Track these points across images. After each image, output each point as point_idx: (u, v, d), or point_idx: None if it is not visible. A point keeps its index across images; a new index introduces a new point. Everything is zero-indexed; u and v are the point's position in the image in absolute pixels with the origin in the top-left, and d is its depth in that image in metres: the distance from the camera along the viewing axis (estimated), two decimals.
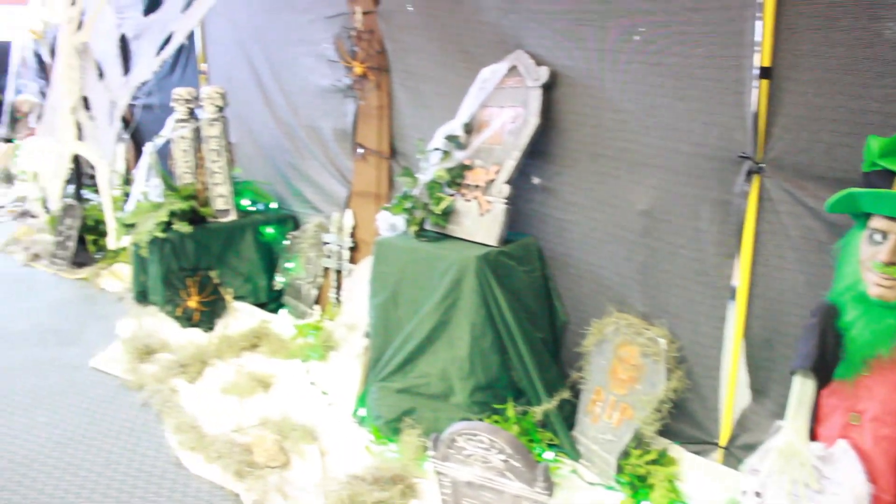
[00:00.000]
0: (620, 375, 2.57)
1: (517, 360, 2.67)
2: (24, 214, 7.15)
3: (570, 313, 2.92)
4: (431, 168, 2.92)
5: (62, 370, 3.62)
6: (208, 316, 4.02)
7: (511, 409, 2.65)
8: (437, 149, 2.96)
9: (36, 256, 5.60)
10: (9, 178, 9.17)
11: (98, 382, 3.48)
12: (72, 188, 5.72)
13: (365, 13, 3.64)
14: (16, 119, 10.59)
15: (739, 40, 2.22)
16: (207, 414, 3.06)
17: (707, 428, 2.53)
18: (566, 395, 2.72)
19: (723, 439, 2.49)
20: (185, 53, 5.73)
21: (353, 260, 3.83)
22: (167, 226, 4.02)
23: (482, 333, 2.63)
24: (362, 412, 2.97)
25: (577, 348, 2.79)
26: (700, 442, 2.55)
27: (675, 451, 2.55)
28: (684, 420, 2.57)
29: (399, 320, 2.86)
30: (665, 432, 2.56)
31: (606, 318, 2.70)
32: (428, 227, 2.93)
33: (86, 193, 6.00)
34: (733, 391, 2.44)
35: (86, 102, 5.21)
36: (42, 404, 3.26)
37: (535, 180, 2.89)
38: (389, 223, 2.98)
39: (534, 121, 2.77)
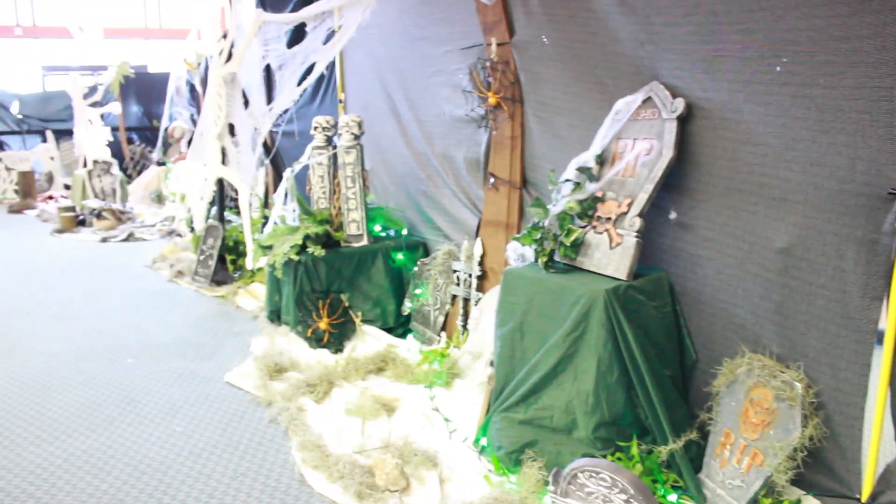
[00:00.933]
0: (752, 419, 2.46)
1: (644, 398, 2.60)
2: (172, 233, 7.54)
3: (701, 352, 2.82)
4: (562, 199, 2.90)
5: (199, 383, 3.79)
6: (337, 337, 4.12)
7: (635, 448, 2.58)
8: (568, 180, 2.95)
9: (180, 273, 5.90)
10: (160, 199, 9.70)
11: (231, 397, 3.62)
12: (215, 210, 5.99)
13: (500, 45, 3.67)
14: (168, 144, 11.23)
15: (892, 70, 2.11)
16: (332, 434, 3.12)
17: (847, 481, 2.39)
18: (693, 436, 2.63)
19: (864, 494, 2.33)
20: (324, 83, 5.94)
21: (480, 288, 3.84)
22: (302, 249, 4.16)
23: (609, 368, 2.58)
24: (484, 441, 2.96)
25: (706, 388, 2.70)
26: (838, 495, 2.41)
27: (810, 502, 2.42)
28: (821, 471, 2.43)
29: (525, 351, 2.85)
30: (799, 482, 2.44)
31: (739, 359, 2.59)
32: (557, 258, 2.91)
33: (228, 215, 6.27)
34: (878, 443, 2.28)
35: (231, 129, 5.46)
36: (179, 414, 3.42)
37: (670, 214, 2.82)
38: (519, 253, 2.98)
39: (669, 153, 2.72)
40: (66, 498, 2.74)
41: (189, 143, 10.29)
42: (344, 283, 4.24)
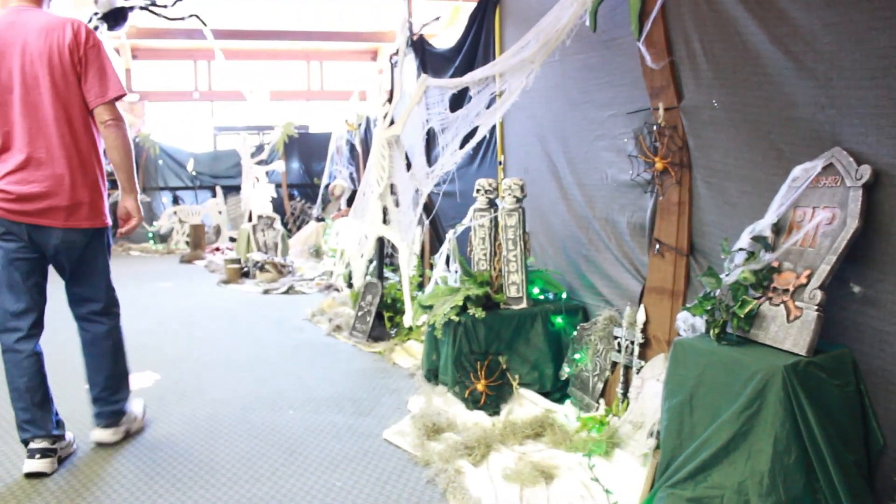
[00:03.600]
0: None
1: (825, 483, 2.44)
2: (329, 288, 7.78)
3: (889, 436, 2.63)
4: (736, 269, 2.81)
5: (357, 438, 3.85)
6: (494, 400, 4.10)
7: None
8: (742, 249, 2.85)
9: (338, 328, 6.06)
10: (318, 254, 10.06)
11: (389, 454, 3.65)
12: (374, 267, 6.15)
13: (667, 109, 3.63)
14: (327, 201, 11.67)
15: None
16: (490, 499, 3.09)
17: None
18: None
19: None
20: (484, 144, 6.04)
21: (643, 356, 3.75)
22: (462, 309, 4.20)
23: (786, 449, 2.44)
24: None
25: None
26: None
27: None
28: None
29: (693, 426, 2.74)
30: None
31: None
32: (730, 330, 2.80)
33: (385, 272, 6.41)
34: None
35: (392, 189, 5.62)
36: (339, 469, 3.48)
37: (855, 288, 2.67)
38: (689, 324, 2.89)
39: (854, 223, 2.58)
40: None
41: (349, 200, 10.69)
42: (502, 346, 4.23)
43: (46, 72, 3.25)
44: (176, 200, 13.98)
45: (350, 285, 7.07)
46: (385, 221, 5.59)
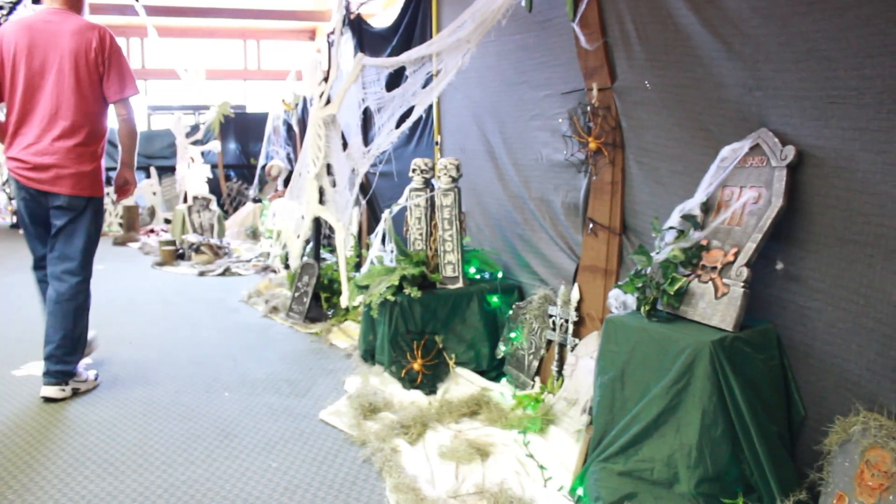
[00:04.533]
0: (868, 482, 2.35)
1: (750, 453, 2.52)
2: (266, 269, 7.71)
3: (810, 408, 2.72)
4: (666, 247, 2.86)
5: (293, 419, 3.83)
6: (431, 379, 4.12)
7: None
8: (672, 227, 2.90)
9: (275, 309, 6.01)
10: (255, 235, 9.94)
11: (325, 434, 3.65)
12: (310, 248, 6.11)
13: (601, 90, 3.67)
14: (264, 182, 11.54)
15: None
16: (426, 477, 3.11)
17: None
18: (802, 496, 2.52)
19: None
20: (421, 125, 6.03)
21: (577, 334, 3.80)
22: (398, 289, 4.20)
23: (713, 422, 2.51)
24: (580, 491, 2.91)
25: (816, 447, 2.59)
26: None
27: None
28: None
29: (625, 401, 2.80)
30: None
31: (852, 417, 2.48)
32: (660, 307, 2.86)
33: (322, 253, 6.38)
34: None
35: (329, 169, 5.58)
36: (275, 450, 3.46)
37: (778, 265, 2.74)
38: (620, 301, 2.94)
39: (778, 202, 2.65)
40: None
41: (286, 181, 10.58)
42: (438, 325, 4.25)
43: (72, 66, 3.94)
44: (108, 181, 13.65)
45: (287, 266, 7.01)
46: (321, 202, 5.55)
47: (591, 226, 3.77)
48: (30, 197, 4.00)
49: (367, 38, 7.16)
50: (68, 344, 4.09)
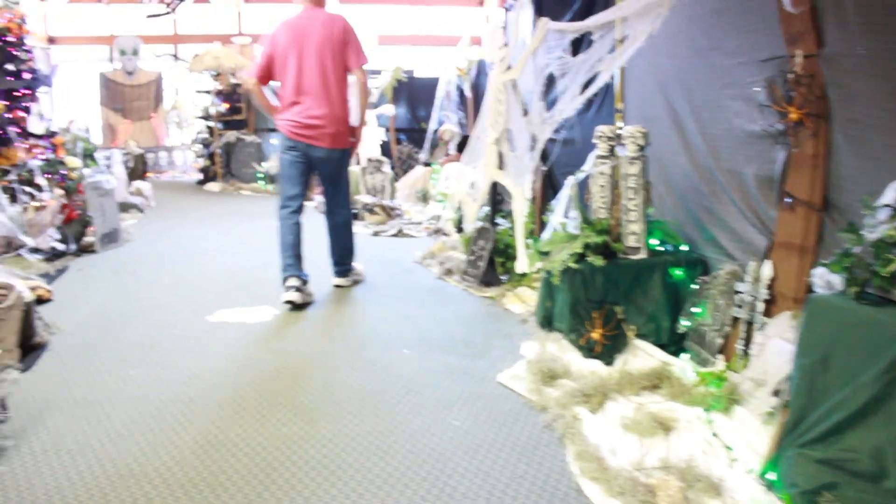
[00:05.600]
0: None
1: None
2: (438, 232, 7.83)
3: None
4: (880, 226, 2.69)
5: (471, 380, 3.90)
6: (609, 349, 4.08)
7: None
8: (886, 205, 2.72)
9: (449, 272, 6.11)
10: (424, 198, 10.12)
11: (504, 397, 3.69)
12: (487, 212, 6.16)
13: (806, 57, 3.47)
14: (435, 145, 11.69)
15: None
16: (608, 447, 3.09)
17: None
18: None
19: None
20: (602, 92, 5.91)
21: (767, 313, 3.65)
22: (580, 257, 4.17)
23: None
24: (772, 475, 2.81)
25: None
26: None
27: None
28: None
29: (826, 385, 2.66)
30: None
31: None
32: (870, 290, 2.70)
33: (497, 219, 6.41)
34: None
35: (508, 134, 5.58)
36: (454, 409, 3.54)
37: None
38: (826, 280, 2.80)
39: None
40: (356, 474, 2.93)
41: (458, 146, 10.69)
42: (619, 295, 4.20)
43: (327, 49, 5.23)
44: None
45: (459, 230, 7.10)
46: (500, 167, 5.57)
47: (788, 200, 3.59)
48: (297, 150, 5.33)
49: (545, 3, 7.08)
50: (346, 252, 5.84)
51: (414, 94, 13.57)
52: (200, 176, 13.61)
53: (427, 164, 11.30)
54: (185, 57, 14.99)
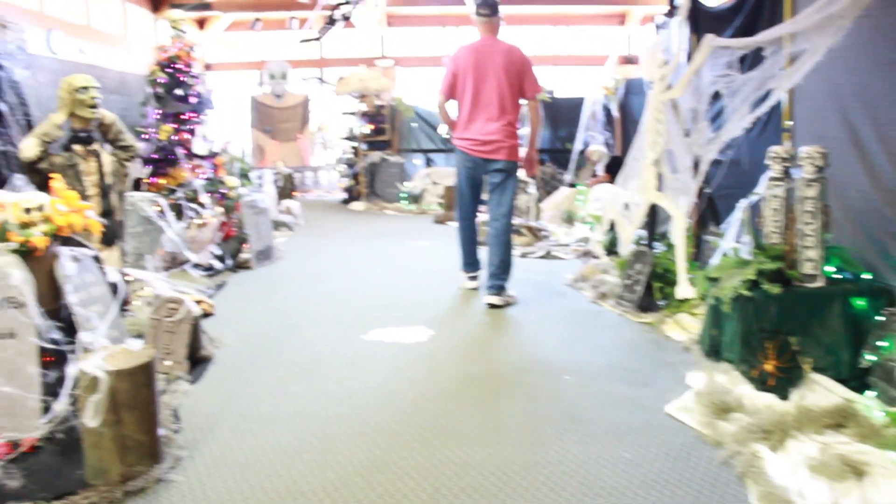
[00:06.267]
0: None
1: None
2: (587, 254, 7.68)
3: None
4: None
5: (639, 410, 3.75)
6: (784, 382, 3.84)
7: None
8: None
9: (603, 295, 5.96)
10: (570, 220, 9.98)
11: (674, 429, 3.52)
12: (644, 235, 5.98)
13: None
14: (580, 166, 11.54)
15: None
16: (796, 489, 2.88)
17: None
18: None
19: None
20: (767, 110, 5.65)
21: None
22: (753, 284, 3.96)
23: None
24: None
25: None
26: None
27: None
28: None
29: None
30: None
31: None
32: None
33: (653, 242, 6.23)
34: None
35: (668, 155, 5.41)
36: (623, 440, 3.39)
37: None
38: None
39: None
40: None
41: (608, 167, 10.52)
42: (795, 326, 3.94)
43: (504, 75, 5.80)
44: (428, 162, 14.40)
45: (610, 252, 6.93)
46: (658, 188, 5.40)
47: None
48: (473, 164, 5.97)
49: (702, 20, 6.84)
50: (503, 266, 5.94)
51: (556, 114, 13.45)
52: (345, 195, 13.94)
53: (572, 185, 11.15)
54: (330, 80, 15.43)
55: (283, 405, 3.87)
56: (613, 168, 9.97)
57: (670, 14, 6.97)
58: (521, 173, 6.91)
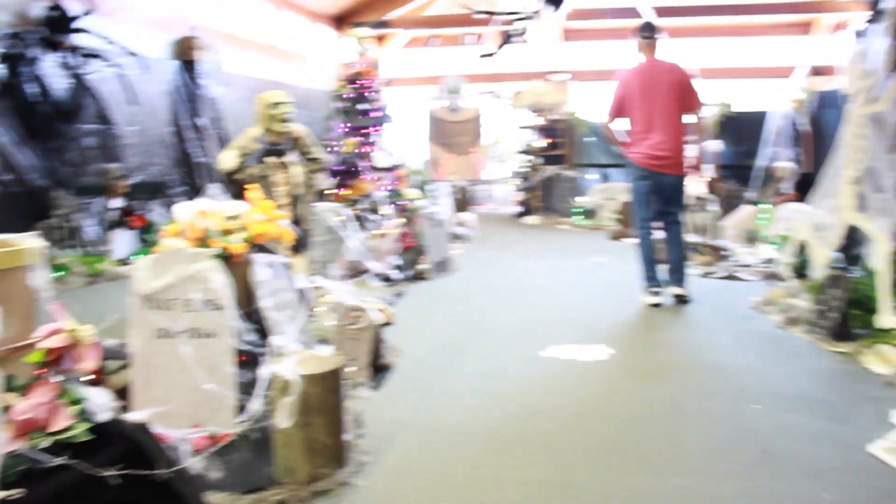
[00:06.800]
0: None
1: None
2: (773, 277, 7.28)
3: None
4: None
5: (838, 448, 3.47)
6: None
7: None
8: None
9: (793, 321, 5.62)
10: (752, 239, 9.54)
11: (879, 472, 3.22)
12: (840, 258, 5.61)
13: None
14: (765, 183, 11.03)
15: None
16: None
17: None
18: None
19: None
20: None
21: None
22: None
23: None
24: None
25: None
26: None
27: None
28: None
29: None
30: None
31: None
32: None
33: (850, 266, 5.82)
34: None
35: (871, 172, 5.05)
36: (822, 480, 3.15)
37: None
38: None
39: None
40: None
41: (796, 184, 10.00)
42: None
43: (672, 94, 6.22)
44: (604, 178, 14.19)
45: (800, 275, 6.53)
46: (859, 208, 5.05)
47: None
48: (648, 175, 6.34)
49: None
50: (680, 262, 6.54)
51: (737, 129, 12.92)
52: (519, 209, 13.96)
53: (754, 203, 10.65)
54: (505, 94, 15.51)
55: (463, 418, 3.88)
56: (802, 186, 9.45)
57: (874, 20, 6.53)
58: (692, 187, 7.56)
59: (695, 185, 9.98)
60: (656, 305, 6.31)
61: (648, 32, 6.38)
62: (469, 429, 3.72)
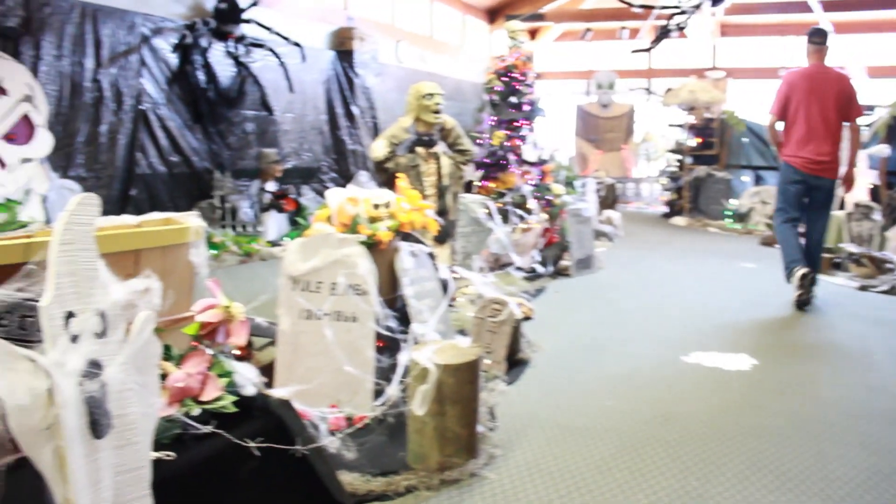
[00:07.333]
0: None
1: None
2: None
3: None
4: None
5: None
6: None
7: None
8: None
9: None
10: None
11: None
12: None
13: None
14: None
15: None
16: None
17: None
18: None
19: None
20: None
21: None
22: None
23: None
24: None
25: None
26: None
27: None
28: None
29: None
30: None
31: None
32: None
33: None
34: None
35: None
36: None
37: None
38: None
39: None
40: None
41: None
42: None
43: (834, 101, 6.25)
44: (758, 180, 13.64)
45: None
46: None
47: None
48: (802, 178, 6.37)
49: None
50: (817, 250, 6.63)
51: None
52: (666, 209, 13.63)
53: None
54: (658, 91, 15.18)
55: (597, 419, 3.82)
56: None
57: None
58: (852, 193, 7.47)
59: (855, 192, 9.46)
60: (806, 292, 6.27)
61: (819, 38, 6.40)
62: (601, 430, 3.66)
